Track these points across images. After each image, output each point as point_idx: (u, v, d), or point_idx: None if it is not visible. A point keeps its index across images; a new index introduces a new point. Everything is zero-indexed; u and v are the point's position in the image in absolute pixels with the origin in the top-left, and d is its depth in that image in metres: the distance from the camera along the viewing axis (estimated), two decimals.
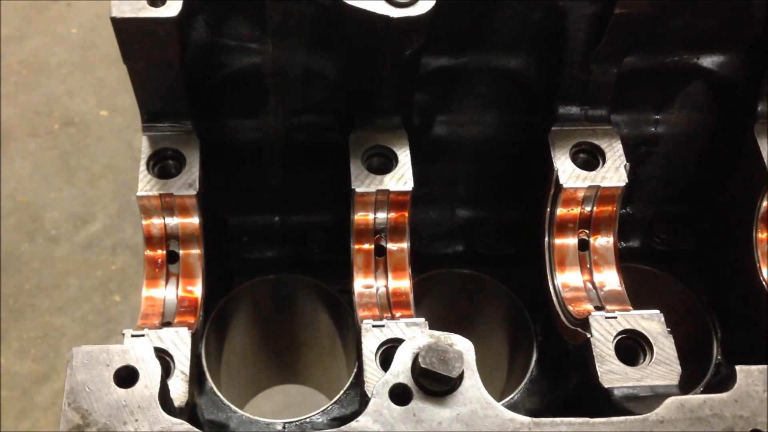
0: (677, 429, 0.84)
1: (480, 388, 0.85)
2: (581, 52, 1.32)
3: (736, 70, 1.44)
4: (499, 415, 0.84)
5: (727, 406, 0.87)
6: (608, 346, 1.17)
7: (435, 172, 1.58)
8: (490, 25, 1.35)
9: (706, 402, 0.87)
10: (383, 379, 0.85)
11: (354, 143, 1.33)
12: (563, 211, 1.35)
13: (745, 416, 0.86)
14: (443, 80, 1.44)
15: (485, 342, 1.74)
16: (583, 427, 0.83)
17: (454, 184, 1.62)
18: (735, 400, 0.87)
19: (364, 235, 1.33)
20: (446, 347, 0.83)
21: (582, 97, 1.37)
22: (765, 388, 0.88)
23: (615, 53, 1.33)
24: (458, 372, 0.82)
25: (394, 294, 1.31)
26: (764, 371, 0.89)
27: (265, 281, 1.56)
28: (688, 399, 0.87)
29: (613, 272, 1.36)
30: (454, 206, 1.64)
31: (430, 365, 0.82)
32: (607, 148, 1.35)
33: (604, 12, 1.25)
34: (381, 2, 1.13)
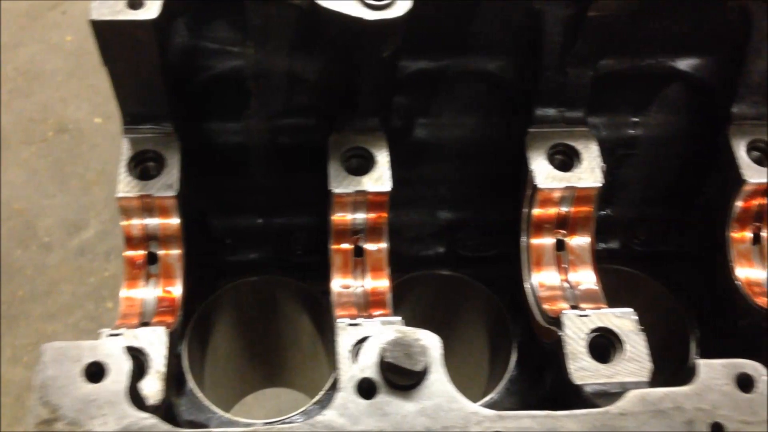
0: (638, 422, 0.86)
1: (445, 382, 0.87)
2: (558, 54, 1.34)
3: (711, 73, 1.46)
4: (463, 408, 0.85)
5: (688, 399, 0.88)
6: (580, 343, 1.18)
7: (417, 173, 1.60)
8: (469, 28, 1.37)
9: (667, 395, 0.88)
10: (350, 374, 0.86)
11: (333, 145, 1.34)
12: (540, 212, 1.37)
13: (705, 409, 0.87)
14: (424, 83, 1.46)
15: (467, 342, 1.76)
16: (545, 420, 0.85)
17: (436, 186, 1.63)
18: (696, 394, 0.88)
19: (343, 235, 1.35)
20: (411, 342, 0.85)
21: (559, 99, 1.39)
22: (727, 381, 0.89)
23: (590, 56, 1.35)
24: (422, 366, 0.84)
25: (373, 294, 1.33)
26: (727, 365, 0.91)
27: (248, 283, 1.57)
28: (649, 392, 0.89)
29: (589, 272, 1.38)
30: (436, 208, 1.66)
31: (394, 360, 0.84)
32: (584, 149, 1.37)
33: (578, 15, 1.27)
34: (356, 4, 1.15)
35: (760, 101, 1.42)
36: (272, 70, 1.39)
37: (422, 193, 1.64)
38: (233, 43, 1.37)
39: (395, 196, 1.59)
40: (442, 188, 1.63)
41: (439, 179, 1.63)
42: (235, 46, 1.37)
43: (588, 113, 1.50)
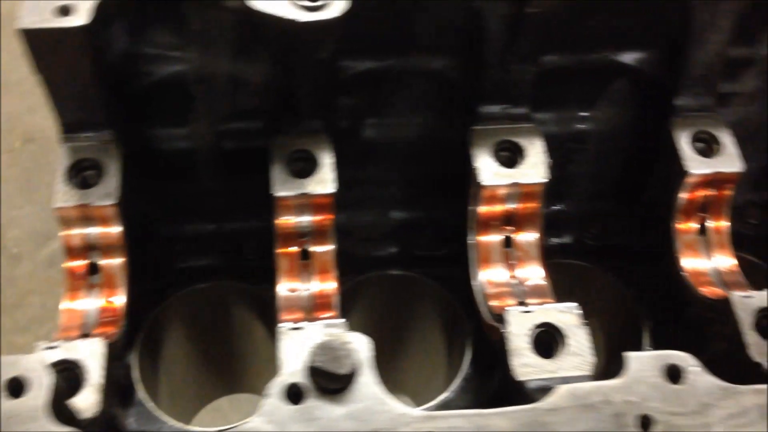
0: (567, 417, 0.86)
1: (375, 384, 0.86)
2: (499, 52, 1.34)
3: (655, 66, 1.47)
4: (392, 410, 0.85)
5: (617, 392, 0.88)
6: (524, 339, 1.18)
7: (367, 174, 1.60)
8: (412, 27, 1.37)
9: (596, 389, 0.88)
10: (278, 379, 0.85)
11: (276, 148, 1.34)
12: (486, 209, 1.37)
13: (634, 401, 0.88)
14: (369, 83, 1.45)
15: (424, 342, 1.76)
16: (475, 418, 0.84)
17: (387, 186, 1.63)
18: (625, 386, 0.88)
19: (288, 238, 1.34)
20: (339, 346, 0.84)
21: (502, 97, 1.39)
22: (656, 373, 0.89)
23: (532, 52, 1.35)
24: (348, 369, 0.83)
25: (320, 296, 1.32)
26: (656, 357, 0.91)
27: (199, 290, 1.56)
28: (578, 386, 0.89)
29: (537, 267, 1.38)
30: (388, 208, 1.66)
31: (320, 363, 0.83)
32: (528, 145, 1.37)
33: (517, 12, 1.27)
34: (290, 6, 1.14)
35: (704, 93, 1.43)
36: (215, 74, 1.38)
37: (374, 193, 1.63)
38: (174, 48, 1.35)
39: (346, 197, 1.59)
40: (394, 188, 1.63)
41: (390, 179, 1.62)
42: (176, 51, 1.36)
43: (533, 109, 1.51)
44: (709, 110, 1.43)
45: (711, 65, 1.39)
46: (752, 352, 1.19)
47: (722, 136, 1.40)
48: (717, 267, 1.40)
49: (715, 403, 0.87)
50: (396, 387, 2.10)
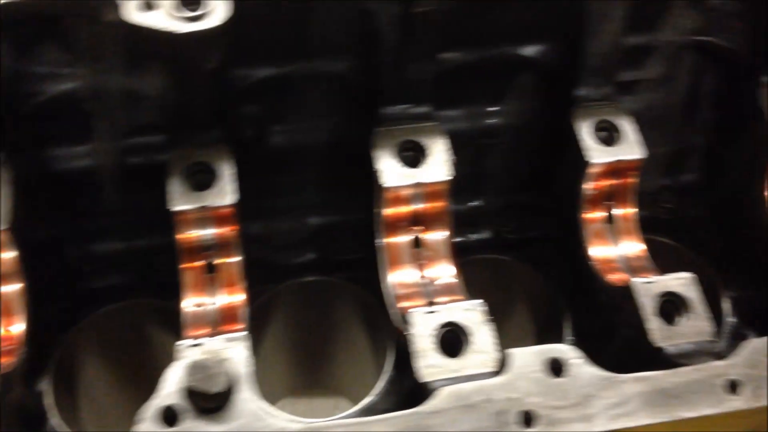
0: (449, 418, 0.85)
1: (254, 399, 0.85)
2: (395, 52, 1.33)
3: (555, 58, 1.47)
4: (270, 425, 0.83)
5: (498, 390, 0.88)
6: (428, 340, 1.17)
7: (279, 181, 1.58)
8: (308, 32, 1.35)
9: (478, 388, 0.88)
10: (152, 402, 0.84)
11: (173, 162, 1.31)
12: (392, 211, 1.36)
13: (516, 398, 0.88)
14: (272, 90, 1.44)
15: (352, 345, 1.75)
16: (356, 426, 0.83)
17: (302, 192, 1.62)
18: (507, 383, 0.88)
19: (192, 253, 1.32)
20: (211, 363, 0.82)
21: (403, 96, 1.38)
22: (538, 367, 0.89)
23: (428, 51, 1.34)
24: (221, 387, 0.82)
25: (227, 310, 1.30)
26: (538, 352, 0.91)
27: (113, 310, 1.53)
28: (461, 387, 0.89)
29: (447, 265, 1.37)
30: (303, 214, 1.64)
31: (194, 383, 0.82)
32: (431, 144, 1.37)
33: (408, 12, 1.27)
34: (169, 18, 1.12)
35: (603, 82, 1.44)
36: (109, 89, 1.35)
37: (288, 199, 1.62)
38: (64, 65, 1.32)
39: (261, 205, 1.58)
40: (308, 194, 1.62)
41: (303, 185, 1.61)
42: (66, 68, 1.33)
43: (442, 107, 1.51)
44: (610, 99, 1.44)
45: (608, 55, 1.40)
46: (655, 337, 1.20)
47: (623, 124, 1.41)
48: (625, 254, 1.41)
49: (596, 394, 0.87)
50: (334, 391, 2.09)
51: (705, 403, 0.89)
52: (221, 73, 1.25)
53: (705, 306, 1.23)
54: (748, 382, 0.91)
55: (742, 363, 0.92)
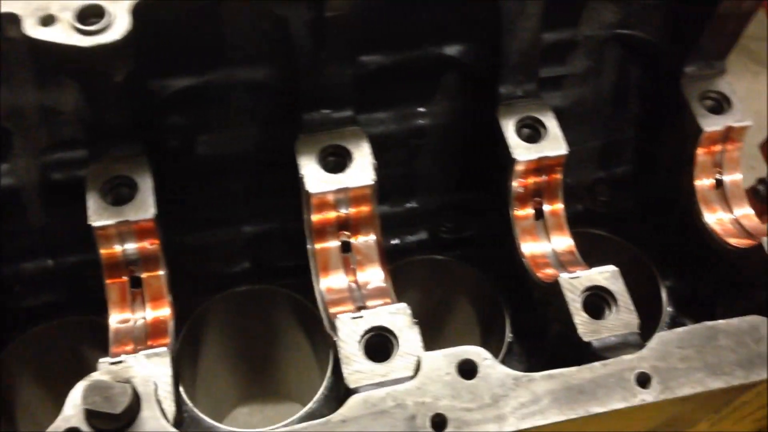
0: (359, 426, 0.84)
1: (157, 418, 0.83)
2: (311, 57, 1.32)
3: (477, 57, 1.47)
4: None
5: (410, 395, 0.87)
6: (354, 346, 1.17)
7: (211, 191, 1.56)
8: (224, 40, 1.34)
9: (389, 394, 0.87)
10: (52, 426, 0.82)
11: (91, 176, 1.29)
12: (318, 217, 1.35)
13: (427, 402, 0.87)
14: (194, 99, 1.42)
15: (295, 351, 1.74)
16: None
17: (234, 202, 1.60)
18: (418, 387, 0.88)
19: (115, 268, 1.29)
20: (112, 384, 0.81)
21: (323, 102, 1.37)
22: (449, 370, 0.89)
23: (345, 54, 1.33)
24: (123, 408, 0.80)
25: (153, 324, 1.28)
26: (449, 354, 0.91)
27: (45, 329, 1.50)
28: (371, 394, 0.88)
29: (377, 269, 1.37)
30: (238, 223, 1.63)
31: (92, 405, 0.80)
32: (355, 148, 1.36)
33: (320, 17, 1.26)
34: (70, 32, 1.10)
35: (525, 79, 1.45)
36: (25, 106, 1.33)
37: (222, 209, 1.60)
38: None
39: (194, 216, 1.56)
40: (241, 202, 1.60)
41: (236, 193, 1.60)
42: None
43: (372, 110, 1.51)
44: (533, 96, 1.44)
45: (527, 52, 1.40)
46: (581, 332, 1.21)
47: (546, 120, 1.42)
48: (555, 249, 1.42)
49: (507, 394, 0.87)
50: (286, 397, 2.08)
51: (616, 398, 0.90)
52: (133, 84, 1.22)
53: (630, 298, 1.24)
54: (658, 375, 0.92)
55: (652, 356, 0.93)
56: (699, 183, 1.48)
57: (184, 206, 1.57)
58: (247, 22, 1.30)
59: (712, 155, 1.47)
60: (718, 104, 1.46)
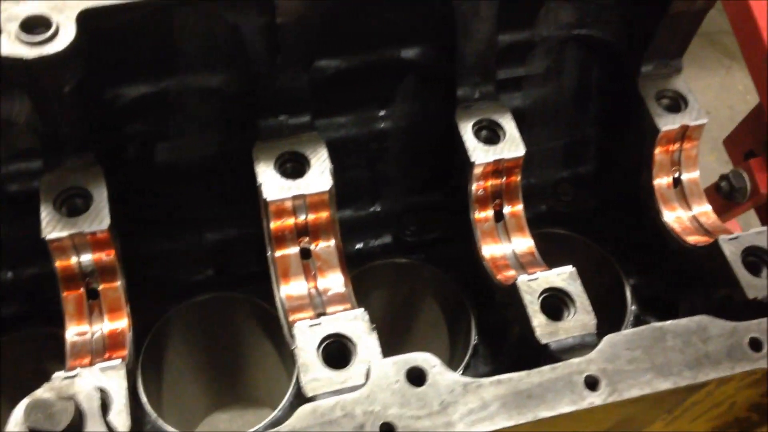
0: None
1: None
2: (264, 64, 1.32)
3: (435, 60, 1.47)
4: None
5: (358, 404, 0.87)
6: (312, 354, 1.16)
7: (172, 199, 1.55)
8: (178, 47, 1.33)
9: (337, 403, 0.87)
10: None
11: (44, 188, 1.27)
12: (277, 224, 1.34)
13: (376, 411, 0.87)
14: (150, 107, 1.41)
15: (262, 358, 1.73)
16: None
17: (196, 209, 1.59)
18: (367, 396, 0.87)
19: (72, 280, 1.28)
20: (54, 401, 0.80)
21: (279, 108, 1.37)
22: (398, 378, 0.89)
23: (299, 59, 1.33)
24: (64, 425, 0.79)
25: (111, 336, 1.27)
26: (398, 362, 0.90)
27: (6, 342, 1.48)
28: (320, 404, 0.88)
29: (338, 275, 1.36)
30: (200, 231, 1.62)
31: (34, 423, 0.79)
32: (311, 154, 1.35)
33: (272, 23, 1.25)
34: (14, 42, 1.08)
35: (482, 81, 1.45)
36: None
37: (185, 216, 1.59)
38: None
39: (158, 225, 1.55)
40: (202, 210, 1.59)
41: (198, 201, 1.59)
42: None
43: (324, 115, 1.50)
44: (491, 98, 1.45)
45: (483, 54, 1.41)
46: (539, 334, 1.21)
47: (504, 122, 1.42)
48: (515, 251, 1.42)
49: (456, 401, 0.87)
50: (261, 403, 2.07)
51: (564, 402, 0.90)
52: (83, 94, 1.21)
53: (587, 299, 1.24)
54: (607, 378, 0.92)
55: (600, 358, 0.93)
56: (657, 182, 1.49)
57: (144, 215, 1.56)
58: (200, 29, 1.29)
59: (669, 154, 1.48)
60: (675, 103, 1.47)
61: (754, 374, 0.95)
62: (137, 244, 1.56)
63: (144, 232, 1.58)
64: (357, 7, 1.34)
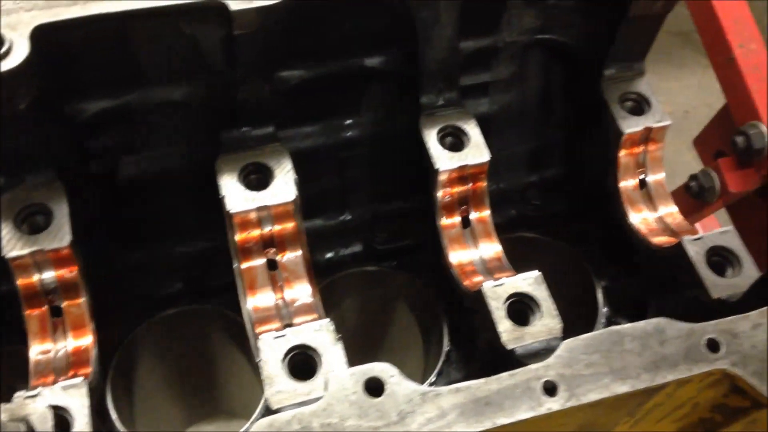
0: None
1: None
2: (227, 75, 1.31)
3: (399, 67, 1.47)
4: None
5: (316, 417, 0.87)
6: (277, 366, 1.16)
7: (139, 213, 1.55)
8: (138, 60, 1.32)
9: (294, 416, 0.86)
10: None
11: (4, 205, 1.26)
12: (242, 236, 1.33)
13: (333, 423, 0.86)
14: (113, 122, 1.40)
15: (237, 369, 1.72)
16: None
17: (165, 222, 1.58)
18: (324, 408, 0.87)
19: (34, 298, 1.27)
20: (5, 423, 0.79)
21: (241, 120, 1.36)
22: (356, 389, 0.88)
23: (260, 71, 1.32)
24: None
25: (75, 354, 1.26)
26: (355, 373, 0.90)
27: None
28: (277, 417, 0.87)
29: (305, 285, 1.36)
30: (171, 243, 1.61)
31: None
32: (275, 165, 1.35)
33: (229, 35, 1.25)
34: None
35: (445, 88, 1.45)
36: None
37: (155, 230, 1.58)
38: None
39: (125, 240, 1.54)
40: (170, 223, 1.58)
41: (167, 214, 1.58)
42: None
43: (291, 125, 1.50)
44: (455, 104, 1.45)
45: (446, 60, 1.41)
46: (504, 339, 1.21)
47: (469, 128, 1.42)
48: (483, 256, 1.42)
49: (414, 410, 0.87)
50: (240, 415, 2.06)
51: (522, 408, 0.90)
52: (41, 110, 1.20)
53: (553, 303, 1.24)
54: (565, 383, 0.92)
55: (558, 364, 0.93)
56: (623, 184, 1.50)
57: (112, 229, 1.55)
58: (159, 42, 1.28)
59: (634, 156, 1.49)
60: (638, 105, 1.48)
61: (712, 375, 0.95)
62: (106, 259, 1.56)
63: (113, 247, 1.57)
64: (317, 17, 1.34)
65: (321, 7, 1.30)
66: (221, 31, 1.24)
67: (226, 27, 1.22)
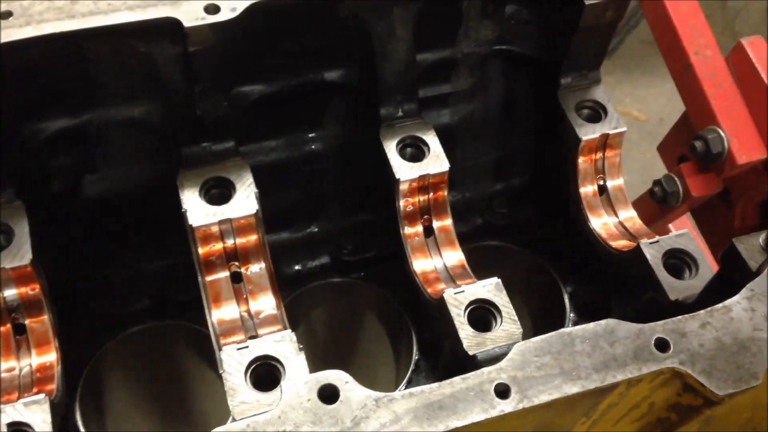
0: None
1: None
2: (184, 92, 1.33)
3: (357, 80, 1.50)
4: None
5: (269, 425, 0.87)
6: (240, 377, 1.16)
7: (105, 231, 1.55)
8: (94, 79, 1.33)
9: (249, 426, 0.87)
10: None
11: None
12: (205, 249, 1.34)
13: (288, 430, 0.87)
14: (72, 141, 1.41)
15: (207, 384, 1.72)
16: None
17: (130, 239, 1.58)
18: (278, 417, 0.88)
19: None
20: None
21: (201, 135, 1.38)
22: (310, 396, 0.89)
23: (217, 87, 1.34)
24: None
25: (39, 371, 1.26)
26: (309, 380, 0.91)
27: None
28: (231, 427, 0.88)
29: (269, 297, 1.37)
30: (140, 259, 1.61)
31: None
32: (236, 179, 1.36)
33: (185, 52, 1.26)
34: None
35: (404, 99, 1.47)
36: None
37: (119, 248, 1.59)
38: None
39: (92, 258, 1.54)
40: (136, 240, 1.58)
41: (133, 231, 1.58)
42: None
43: (260, 138, 1.52)
44: (414, 115, 1.47)
45: (403, 73, 1.43)
46: (466, 345, 1.22)
47: (428, 138, 1.44)
48: (446, 264, 1.44)
49: (368, 416, 0.88)
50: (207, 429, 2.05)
51: (475, 411, 0.91)
52: None
53: (513, 309, 1.26)
54: (517, 385, 0.94)
55: (510, 366, 0.95)
56: (583, 190, 1.52)
57: (77, 247, 1.55)
58: (115, 60, 1.29)
59: (593, 162, 1.51)
60: (595, 113, 1.51)
61: (662, 374, 0.97)
62: (71, 277, 1.56)
63: (78, 264, 1.57)
64: (272, 32, 1.36)
65: (275, 22, 1.32)
66: (176, 49, 1.25)
67: (181, 44, 1.24)
